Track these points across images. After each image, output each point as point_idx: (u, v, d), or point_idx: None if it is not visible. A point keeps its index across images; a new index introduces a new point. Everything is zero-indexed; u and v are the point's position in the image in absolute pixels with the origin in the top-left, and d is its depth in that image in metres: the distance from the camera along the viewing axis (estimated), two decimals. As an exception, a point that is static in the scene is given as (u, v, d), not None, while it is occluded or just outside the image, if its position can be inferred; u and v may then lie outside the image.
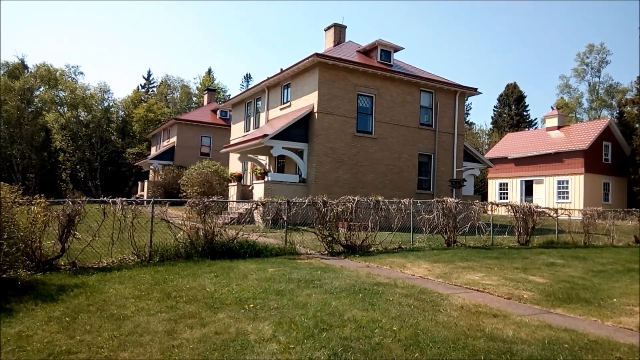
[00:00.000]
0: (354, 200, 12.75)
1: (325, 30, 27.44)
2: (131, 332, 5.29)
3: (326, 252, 12.20)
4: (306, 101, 21.69)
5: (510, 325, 5.91)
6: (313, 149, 20.94)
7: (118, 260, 9.76)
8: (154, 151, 46.39)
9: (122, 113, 56.96)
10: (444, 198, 14.77)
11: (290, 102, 23.25)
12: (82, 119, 51.11)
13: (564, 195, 35.21)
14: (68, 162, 50.90)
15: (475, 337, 5.35)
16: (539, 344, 5.15)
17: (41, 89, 49.61)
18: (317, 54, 20.61)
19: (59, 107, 50.13)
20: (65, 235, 9.21)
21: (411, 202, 14.13)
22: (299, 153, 21.41)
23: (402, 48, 24.35)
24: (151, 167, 41.12)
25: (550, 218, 17.46)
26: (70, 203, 9.40)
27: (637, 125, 40.82)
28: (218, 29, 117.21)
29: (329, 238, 12.33)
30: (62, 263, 9.15)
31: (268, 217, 14.64)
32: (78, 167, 51.48)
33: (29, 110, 48.15)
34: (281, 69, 23.69)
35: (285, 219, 12.63)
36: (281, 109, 24.08)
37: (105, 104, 53.44)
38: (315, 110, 20.91)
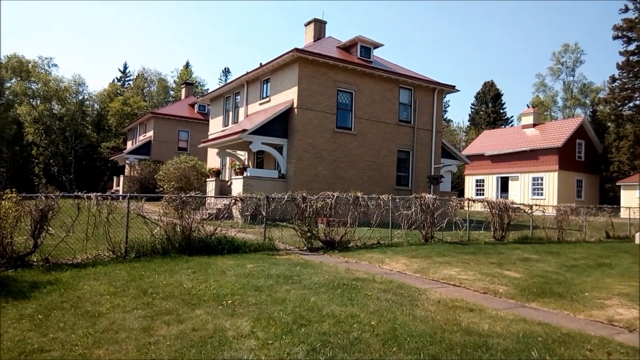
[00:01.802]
0: (333, 196, 12.77)
1: (305, 25, 27.36)
2: (106, 329, 5.20)
3: (305, 248, 12.19)
4: (286, 96, 21.61)
5: (486, 319, 6.00)
6: (292, 144, 20.88)
7: (93, 257, 9.58)
8: (129, 145, 45.62)
9: (98, 106, 55.82)
10: (422, 194, 14.91)
11: (269, 97, 23.13)
12: (55, 112, 49.91)
13: (539, 192, 35.97)
14: (41, 156, 49.68)
15: (452, 331, 5.42)
16: (514, 338, 5.25)
17: (13, 81, 48.25)
18: (297, 49, 20.53)
19: (31, 100, 48.86)
20: (38, 230, 8.99)
21: (390, 198, 14.22)
22: (279, 148, 21.33)
23: (382, 45, 24.45)
24: (127, 161, 40.44)
25: (525, 214, 17.80)
26: (44, 198, 9.18)
27: (609, 124, 41.93)
28: (196, 21, 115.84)
29: (308, 234, 12.32)
30: (35, 259, 8.94)
31: (247, 213, 14.55)
32: (51, 161, 50.29)
33: (0, 102, 46.78)
34: (260, 64, 23.54)
35: (264, 214, 12.58)
36: (260, 104, 23.93)
37: (80, 97, 52.28)
38: (295, 105, 20.84)
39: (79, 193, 9.98)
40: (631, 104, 39.34)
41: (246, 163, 24.11)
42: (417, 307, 6.44)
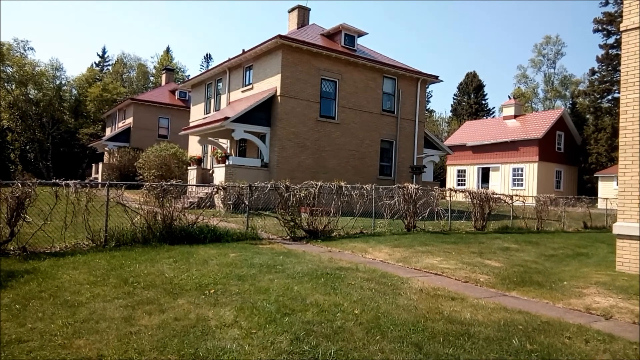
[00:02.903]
0: (316, 185, 12.73)
1: (289, 12, 27.06)
2: (86, 319, 5.11)
3: (288, 237, 12.17)
4: (269, 84, 21.41)
5: (468, 308, 6.07)
6: (275, 133, 20.75)
7: (72, 245, 9.40)
8: (109, 132, 44.85)
9: (76, 92, 54.65)
10: (405, 184, 14.98)
11: (252, 85, 22.90)
12: (32, 97, 48.68)
13: (519, 183, 36.50)
14: (17, 142, 48.54)
15: (434, 319, 5.46)
16: (495, 326, 5.32)
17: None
18: (280, 36, 20.32)
19: (6, 84, 47.53)
20: (15, 218, 8.77)
21: (373, 187, 14.25)
22: (261, 137, 21.17)
23: (366, 33, 24.36)
24: (106, 148, 39.77)
25: (505, 204, 18.05)
26: (20, 185, 8.95)
27: (588, 116, 42.66)
28: (177, 5, 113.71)
29: (291, 223, 12.29)
30: (12, 248, 8.74)
31: (229, 202, 14.46)
32: (28, 147, 49.20)
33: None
34: (243, 50, 23.25)
35: (246, 203, 12.50)
36: (243, 91, 23.68)
37: (58, 82, 51.09)
38: (278, 93, 20.67)
39: (57, 180, 9.75)
40: (610, 97, 40.11)
41: (228, 151, 23.91)
42: (400, 296, 6.48)
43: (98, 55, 72.27)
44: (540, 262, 10.22)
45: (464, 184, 39.66)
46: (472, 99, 59.47)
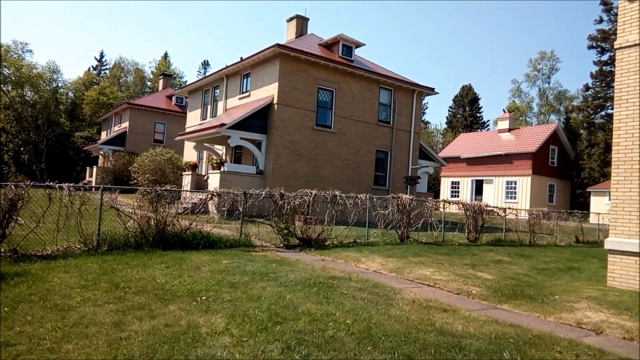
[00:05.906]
0: (311, 193, 12.74)
1: (288, 21, 27.24)
2: (76, 323, 5.07)
3: (282, 245, 12.15)
4: (266, 92, 21.47)
5: (460, 320, 6.07)
6: (271, 140, 20.77)
7: (63, 248, 9.34)
8: (104, 136, 44.71)
9: (72, 95, 54.48)
10: (399, 194, 15.02)
11: (249, 92, 22.95)
12: (28, 99, 48.48)
13: (512, 195, 36.65)
14: (11, 144, 48.21)
15: (426, 331, 5.46)
16: (487, 339, 5.32)
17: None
18: (278, 45, 20.41)
19: (2, 86, 47.33)
20: (7, 220, 8.71)
21: (367, 197, 14.28)
22: (257, 144, 21.19)
23: (364, 44, 24.52)
24: (101, 152, 39.61)
25: (498, 217, 18.10)
26: (13, 187, 8.89)
27: (582, 131, 43.01)
28: (176, 12, 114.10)
29: (285, 231, 12.28)
30: (3, 250, 8.66)
31: (223, 208, 14.43)
32: (22, 149, 48.87)
33: (-32, 87, 45.23)
34: (241, 58, 23.33)
35: (241, 210, 12.48)
36: (240, 99, 23.72)
37: (54, 85, 50.90)
38: (275, 101, 20.73)
39: (51, 183, 9.71)
40: (603, 113, 40.50)
41: (224, 158, 23.88)
42: (392, 307, 6.47)
43: (96, 59, 72.25)
44: (532, 276, 10.24)
45: (458, 196, 39.77)
46: (467, 112, 59.86)
